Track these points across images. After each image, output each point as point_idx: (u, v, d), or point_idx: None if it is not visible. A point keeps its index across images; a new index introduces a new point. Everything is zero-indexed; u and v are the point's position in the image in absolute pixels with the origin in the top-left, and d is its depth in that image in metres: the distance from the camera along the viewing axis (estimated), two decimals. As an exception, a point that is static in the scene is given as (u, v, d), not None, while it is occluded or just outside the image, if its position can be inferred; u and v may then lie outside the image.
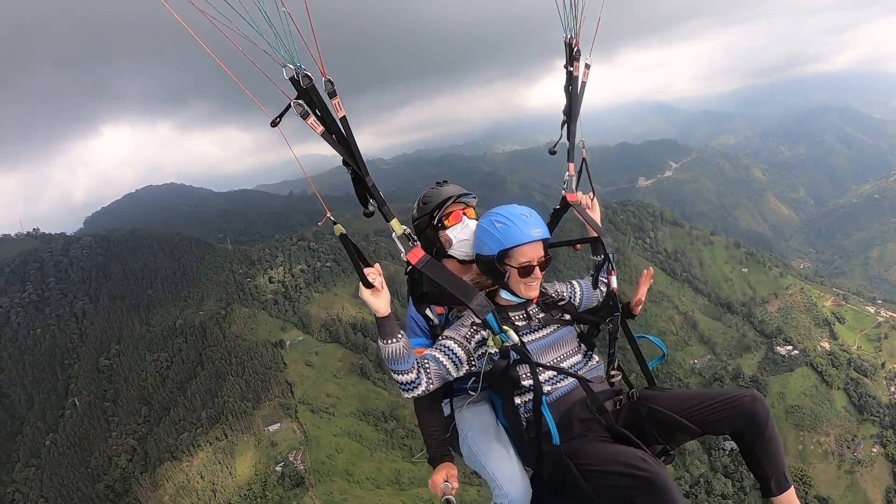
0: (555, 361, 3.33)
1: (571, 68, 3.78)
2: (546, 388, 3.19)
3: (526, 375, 3.15)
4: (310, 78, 2.60)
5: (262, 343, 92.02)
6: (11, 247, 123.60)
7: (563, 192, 3.86)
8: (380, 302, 2.85)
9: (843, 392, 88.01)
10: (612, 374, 3.54)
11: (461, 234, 3.59)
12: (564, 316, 3.48)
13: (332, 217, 2.84)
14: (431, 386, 3.09)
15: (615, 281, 3.65)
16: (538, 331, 3.37)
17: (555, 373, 3.27)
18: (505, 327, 3.08)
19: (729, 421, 2.95)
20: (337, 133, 2.74)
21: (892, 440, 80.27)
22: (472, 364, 3.20)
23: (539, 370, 3.14)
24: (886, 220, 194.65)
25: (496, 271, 3.30)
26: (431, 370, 3.08)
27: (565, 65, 3.80)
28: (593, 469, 2.86)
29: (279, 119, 2.62)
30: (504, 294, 3.39)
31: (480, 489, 49.16)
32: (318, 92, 2.64)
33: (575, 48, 3.74)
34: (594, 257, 3.82)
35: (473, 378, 3.32)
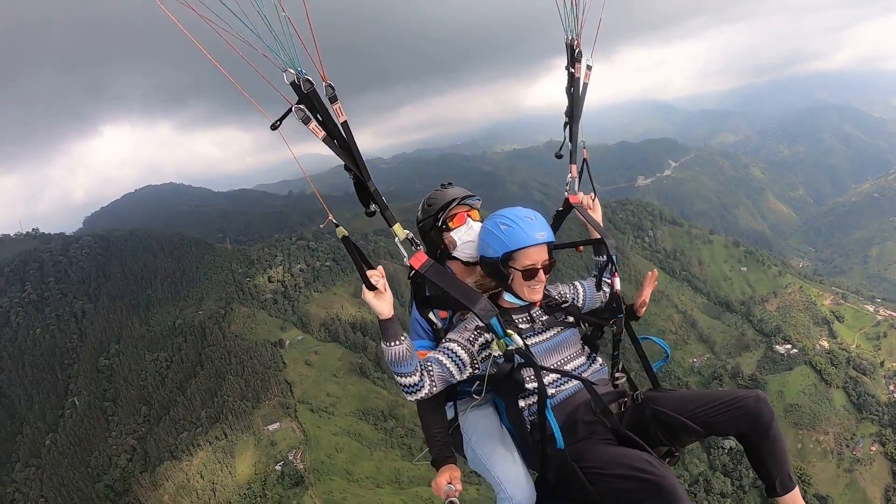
0: (558, 364, 3.32)
1: (573, 69, 3.76)
2: (550, 391, 3.18)
3: (530, 378, 3.16)
4: (311, 83, 2.60)
5: (262, 342, 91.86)
6: (11, 247, 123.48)
7: (565, 194, 3.86)
8: (383, 304, 2.84)
9: (842, 391, 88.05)
10: (616, 376, 3.53)
11: (465, 236, 3.60)
12: (568, 318, 3.48)
13: (333, 219, 2.84)
14: (435, 389, 3.08)
15: (618, 282, 3.64)
16: (542, 333, 3.36)
17: (559, 375, 3.26)
18: (509, 331, 3.06)
19: (733, 422, 2.95)
20: (338, 138, 2.74)
21: (891, 439, 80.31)
22: (475, 367, 3.19)
23: (543, 373, 3.12)
24: (886, 218, 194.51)
25: (500, 273, 3.28)
26: (435, 373, 3.07)
27: (567, 66, 3.79)
28: (598, 472, 2.85)
29: (279, 122, 2.63)
30: (507, 297, 3.38)
31: (480, 488, 49.12)
32: (319, 97, 2.63)
33: (576, 49, 3.74)
34: (597, 258, 3.82)
35: (477, 381, 3.29)
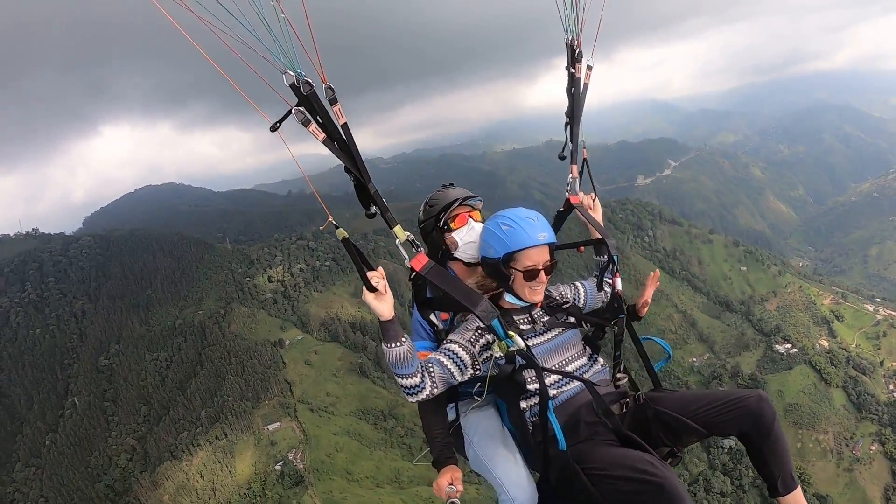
0: (560, 365, 3.31)
1: (573, 70, 3.75)
2: (551, 392, 3.16)
3: (532, 379, 3.14)
4: (310, 84, 2.58)
5: (262, 342, 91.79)
6: (11, 247, 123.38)
7: (566, 194, 3.86)
8: (383, 306, 2.83)
9: (842, 390, 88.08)
10: (618, 376, 3.51)
11: (467, 237, 3.60)
12: (569, 319, 3.47)
13: (334, 221, 2.82)
14: (436, 390, 3.07)
15: (620, 282, 3.63)
16: (543, 334, 3.35)
17: (560, 376, 3.25)
18: (510, 332, 3.05)
19: (735, 422, 2.95)
20: (338, 140, 2.72)
21: (890, 438, 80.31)
22: (476, 368, 3.18)
23: (544, 374, 3.12)
24: (885, 218, 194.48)
25: (501, 274, 3.27)
26: (436, 374, 3.06)
27: (567, 66, 3.78)
28: (601, 473, 2.84)
29: (279, 124, 2.61)
30: (508, 297, 3.37)
31: (480, 488, 49.09)
32: (318, 99, 2.62)
33: (577, 49, 3.73)
34: (598, 258, 3.80)
35: (479, 382, 3.28)
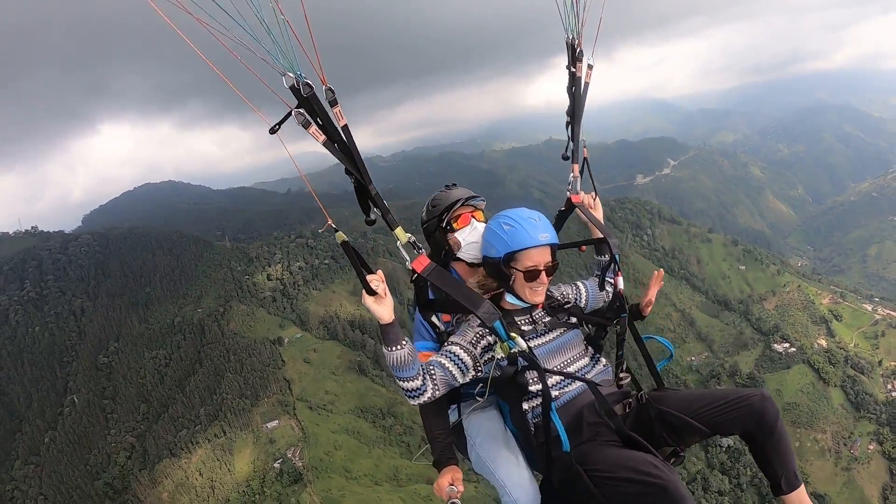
0: (562, 365, 3.29)
1: (574, 69, 3.75)
2: (554, 393, 3.14)
3: (534, 380, 3.13)
4: (310, 86, 2.57)
5: (261, 340, 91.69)
6: (10, 245, 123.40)
7: (567, 193, 3.84)
8: (383, 309, 2.81)
9: (840, 389, 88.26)
10: (620, 376, 3.48)
11: (470, 237, 3.59)
12: (571, 319, 3.45)
13: (333, 224, 2.78)
14: (437, 392, 3.06)
15: (622, 282, 3.60)
16: (544, 335, 3.33)
17: (562, 377, 3.24)
18: (512, 334, 3.04)
19: (739, 421, 2.94)
20: (339, 142, 2.71)
21: (888, 437, 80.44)
22: (478, 370, 3.17)
23: (547, 375, 3.11)
24: (884, 218, 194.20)
25: (502, 274, 3.26)
26: (437, 377, 3.05)
27: (568, 65, 3.77)
28: (604, 475, 2.84)
29: (278, 127, 2.61)
30: (509, 298, 3.36)
31: (478, 486, 49.17)
32: (319, 100, 2.60)
33: (577, 48, 3.72)
34: (599, 258, 3.79)
35: (480, 383, 3.26)
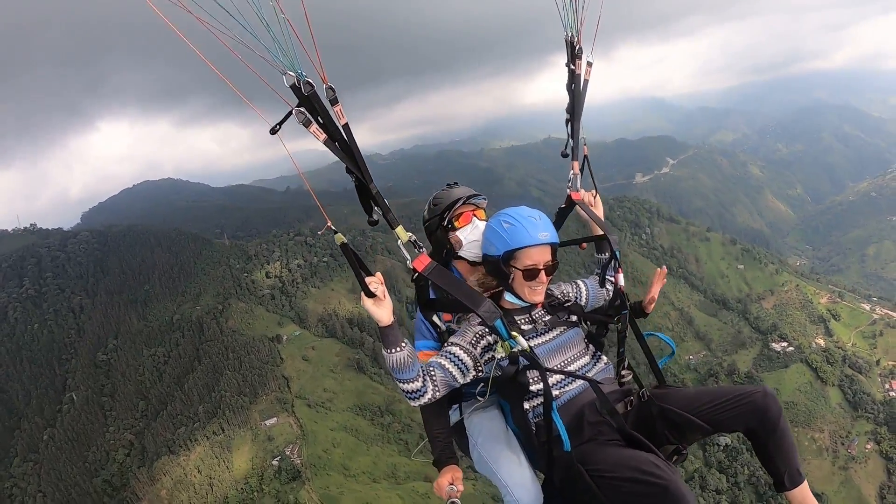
0: (562, 365, 3.27)
1: (573, 66, 3.74)
2: (554, 392, 3.13)
3: (535, 380, 3.12)
4: (311, 85, 2.56)
5: (259, 338, 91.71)
6: (9, 242, 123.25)
7: (567, 191, 3.82)
8: (382, 311, 2.79)
9: (838, 389, 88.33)
10: (622, 373, 3.48)
11: (471, 236, 3.59)
12: (571, 317, 3.43)
13: (332, 226, 2.78)
14: (438, 394, 3.04)
15: (622, 279, 3.61)
16: (544, 334, 3.31)
17: (563, 376, 3.22)
18: (513, 333, 3.03)
19: (741, 418, 2.93)
20: (340, 140, 2.70)
21: (886, 437, 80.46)
22: (479, 370, 3.15)
23: (548, 374, 3.10)
24: (883, 217, 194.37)
25: (501, 272, 3.24)
26: (437, 378, 3.03)
27: (567, 63, 3.75)
28: (605, 475, 2.83)
29: (279, 126, 2.60)
30: (508, 297, 3.34)
31: (476, 484, 49.26)
32: (319, 99, 2.59)
33: (577, 46, 3.70)
34: (599, 255, 3.78)
35: (481, 383, 3.24)
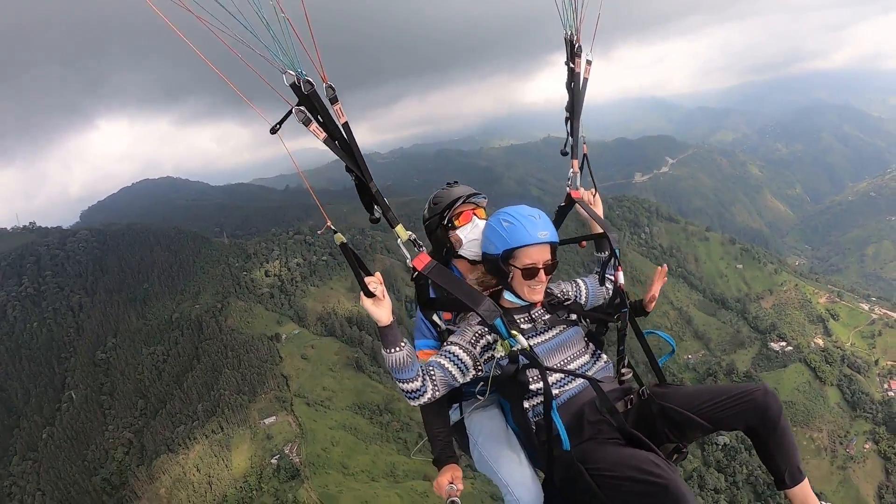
0: (562, 363, 3.27)
1: (573, 65, 3.73)
2: (554, 391, 3.13)
3: (535, 379, 3.12)
4: (311, 84, 2.57)
5: (258, 336, 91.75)
6: (8, 241, 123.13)
7: (567, 189, 3.81)
8: (381, 311, 2.80)
9: (837, 388, 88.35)
10: (622, 371, 3.47)
11: (471, 234, 3.58)
12: (570, 316, 3.43)
13: (332, 226, 2.80)
14: (437, 393, 3.04)
15: (622, 276, 3.61)
16: (543, 333, 3.31)
17: (563, 375, 3.22)
18: (513, 332, 3.03)
19: (742, 416, 2.93)
20: (339, 139, 2.71)
21: (884, 437, 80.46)
22: (478, 369, 3.15)
23: (547, 373, 3.09)
24: (882, 217, 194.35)
25: (500, 271, 3.24)
26: (437, 377, 3.03)
27: (566, 61, 3.75)
28: (605, 474, 2.82)
29: (279, 126, 2.61)
30: (508, 296, 3.32)
31: (475, 482, 49.29)
32: (319, 98, 2.60)
33: (576, 44, 3.70)
34: (599, 254, 3.77)
35: (481, 382, 3.24)
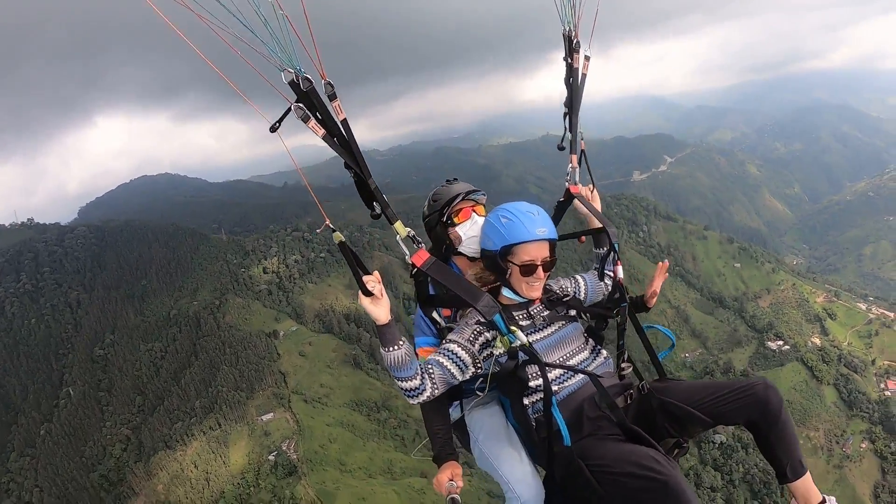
0: (561, 360, 3.26)
1: (571, 60, 3.74)
2: (554, 388, 3.11)
3: (534, 375, 3.12)
4: (310, 81, 2.58)
5: (256, 333, 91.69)
6: (6, 237, 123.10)
7: (565, 184, 3.81)
8: (379, 310, 2.80)
9: (833, 388, 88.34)
10: (622, 366, 3.47)
11: (470, 231, 3.59)
12: (570, 312, 3.43)
13: (331, 225, 2.80)
14: (436, 391, 3.05)
15: (621, 271, 3.60)
16: (542, 329, 3.31)
17: (562, 371, 3.21)
18: (512, 328, 3.03)
19: (743, 411, 2.94)
20: (338, 136, 2.72)
21: (880, 436, 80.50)
22: (478, 367, 3.16)
23: (547, 369, 3.08)
24: (880, 217, 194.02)
25: (499, 267, 3.25)
26: (436, 375, 3.03)
27: (564, 57, 3.75)
28: (605, 470, 2.82)
29: (278, 124, 2.61)
30: (506, 292, 3.33)
31: (472, 479, 49.39)
32: (318, 95, 2.61)
33: (574, 40, 3.71)
34: (597, 250, 3.78)
35: (480, 378, 3.25)
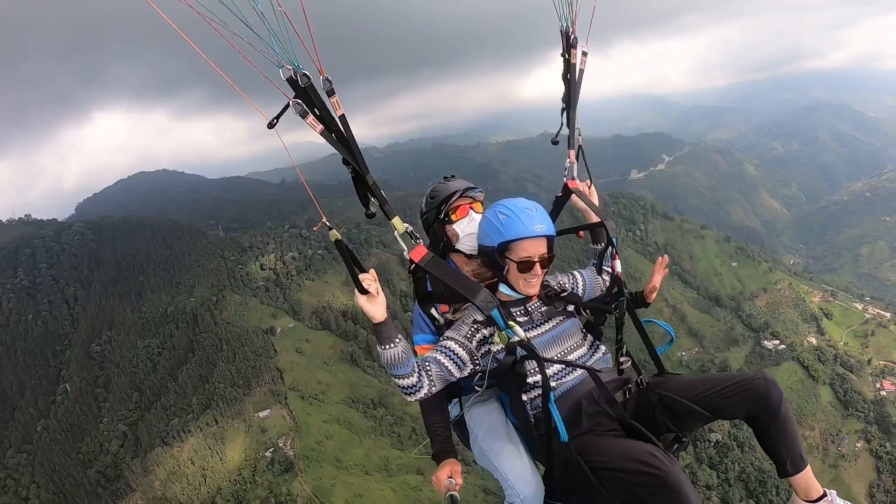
0: (560, 355, 3.25)
1: (568, 56, 3.74)
2: (552, 384, 3.10)
3: (533, 371, 3.11)
4: (308, 77, 2.58)
5: (253, 330, 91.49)
6: (3, 233, 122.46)
7: (563, 179, 3.81)
8: (376, 308, 2.79)
9: (829, 387, 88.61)
10: (620, 360, 3.44)
11: (468, 228, 3.59)
12: (568, 307, 3.41)
13: (328, 223, 2.82)
14: (434, 389, 3.05)
15: (619, 265, 3.58)
16: (541, 325, 3.29)
17: (561, 367, 3.21)
18: (510, 323, 3.03)
19: (743, 405, 2.91)
20: (336, 132, 2.72)
21: (876, 436, 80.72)
22: (475, 363, 3.16)
23: (546, 365, 3.07)
24: (877, 218, 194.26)
25: (496, 264, 3.25)
26: (433, 373, 3.04)
27: (562, 53, 3.76)
28: (604, 466, 2.82)
29: (276, 120, 2.62)
30: (503, 288, 3.32)
31: (467, 475, 49.39)
32: (316, 91, 2.61)
33: (571, 36, 3.71)
34: (595, 246, 3.76)
35: (479, 374, 3.24)
